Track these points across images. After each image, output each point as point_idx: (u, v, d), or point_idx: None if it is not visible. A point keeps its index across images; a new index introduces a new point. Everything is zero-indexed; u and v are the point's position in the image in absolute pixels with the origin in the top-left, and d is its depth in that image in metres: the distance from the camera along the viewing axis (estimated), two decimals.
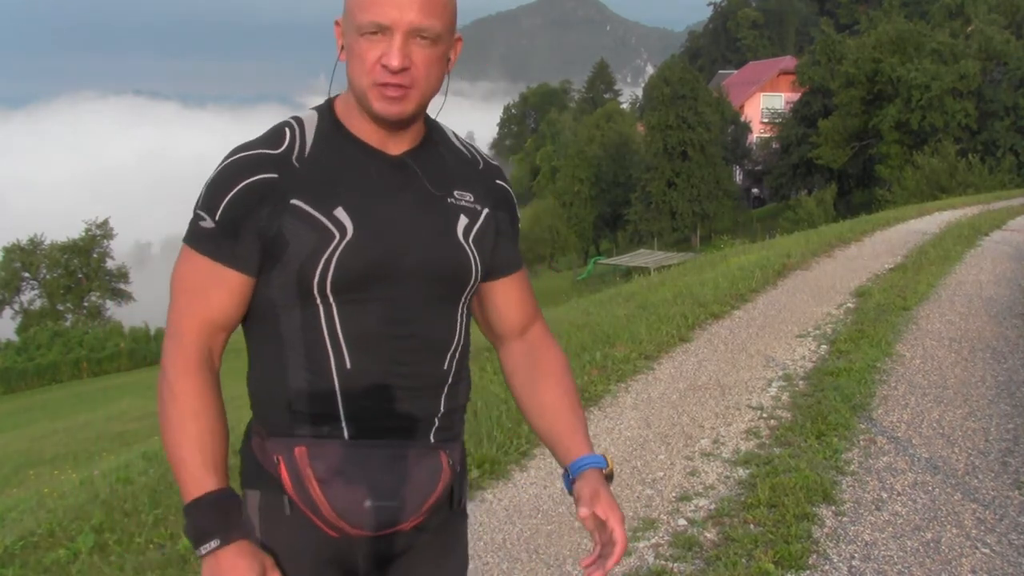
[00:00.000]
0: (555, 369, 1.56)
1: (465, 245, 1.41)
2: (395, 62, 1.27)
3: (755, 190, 49.17)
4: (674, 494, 3.65)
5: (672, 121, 39.27)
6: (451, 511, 1.47)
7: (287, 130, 1.37)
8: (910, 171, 30.37)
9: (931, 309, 7.15)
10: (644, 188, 41.14)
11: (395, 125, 1.36)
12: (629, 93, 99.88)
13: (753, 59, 64.49)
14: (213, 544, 1.27)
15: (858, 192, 37.59)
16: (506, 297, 1.53)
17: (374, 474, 1.34)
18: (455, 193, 1.43)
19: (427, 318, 1.38)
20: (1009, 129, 32.73)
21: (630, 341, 6.30)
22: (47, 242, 45.45)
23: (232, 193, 1.31)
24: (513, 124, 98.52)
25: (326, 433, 1.34)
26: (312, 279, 1.30)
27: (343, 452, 1.34)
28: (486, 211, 1.46)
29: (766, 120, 46.89)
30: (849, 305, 7.45)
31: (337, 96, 1.42)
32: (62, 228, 46.44)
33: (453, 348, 1.42)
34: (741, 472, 3.82)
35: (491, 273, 1.48)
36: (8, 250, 44.84)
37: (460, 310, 1.43)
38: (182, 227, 1.42)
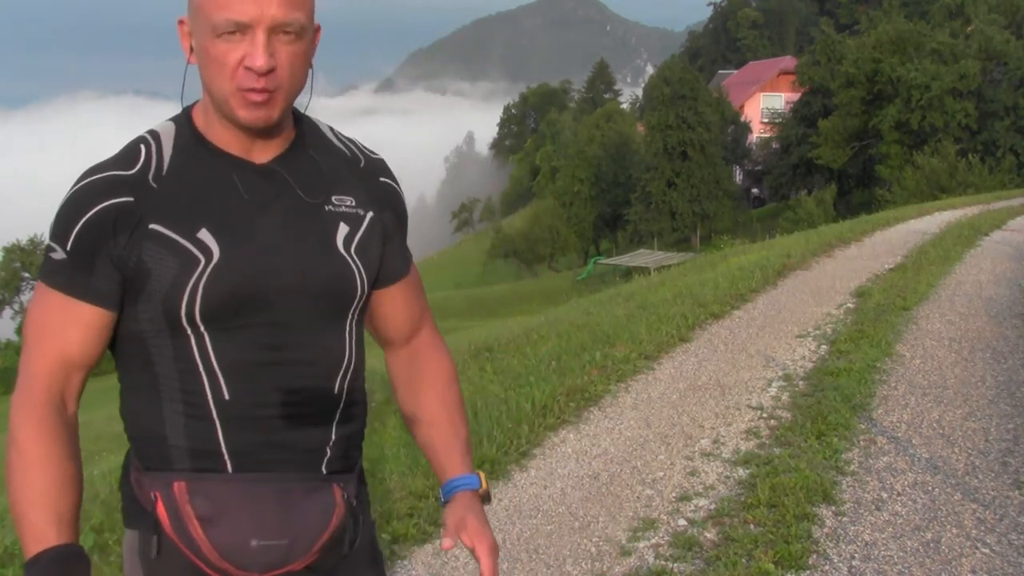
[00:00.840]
0: (438, 380, 1.46)
1: (347, 257, 1.29)
2: (260, 62, 1.16)
3: (755, 190, 49.18)
4: (674, 494, 3.65)
5: (672, 121, 39.30)
6: (351, 551, 1.34)
7: (142, 147, 1.26)
8: (910, 171, 30.38)
9: (931, 309, 7.15)
10: (644, 188, 41.16)
11: (262, 132, 1.25)
12: (629, 93, 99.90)
13: (753, 59, 64.50)
14: None
15: (858, 192, 37.60)
16: (392, 305, 1.43)
17: (259, 511, 1.24)
18: (333, 199, 1.30)
19: (310, 340, 1.27)
20: (1009, 129, 32.75)
21: (630, 341, 6.30)
22: (47, 242, 45.48)
23: (83, 221, 1.20)
24: (513, 124, 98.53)
25: (207, 467, 1.24)
26: (179, 309, 1.20)
27: (225, 487, 1.24)
28: (370, 215, 1.33)
29: (766, 120, 46.91)
30: (849, 305, 7.45)
31: (194, 104, 1.30)
32: None
33: (344, 369, 1.32)
34: (741, 472, 3.82)
35: (377, 282, 1.37)
36: (8, 250, 44.88)
37: (348, 327, 1.33)
38: None
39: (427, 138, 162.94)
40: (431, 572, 3.13)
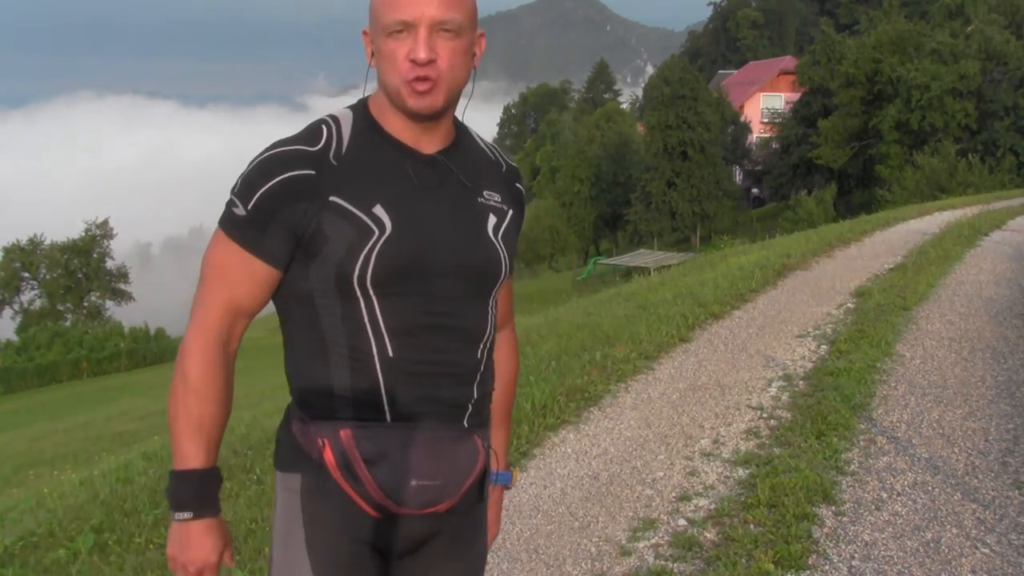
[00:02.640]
0: (506, 376, 1.67)
1: (496, 243, 1.48)
2: (422, 54, 1.33)
3: (755, 190, 49.16)
4: (674, 494, 3.64)
5: (672, 121, 39.27)
6: (480, 496, 1.52)
7: (324, 128, 1.41)
8: (910, 171, 30.36)
9: (931, 309, 7.14)
10: (644, 188, 41.14)
11: (428, 120, 1.41)
12: (629, 93, 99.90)
13: (753, 59, 64.48)
14: (187, 515, 1.37)
15: (858, 192, 37.58)
16: (500, 295, 1.58)
17: (418, 455, 1.39)
18: (484, 193, 1.50)
19: (462, 311, 1.43)
20: (1009, 129, 32.72)
21: (630, 341, 6.30)
22: (47, 242, 45.44)
23: (267, 186, 1.35)
24: (513, 124, 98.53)
25: (369, 416, 1.39)
26: (352, 274, 1.35)
27: (387, 434, 1.39)
28: (511, 212, 1.54)
29: (766, 120, 46.89)
30: (849, 305, 7.45)
31: (370, 96, 1.47)
32: (62, 228, 46.44)
33: (485, 339, 1.48)
34: (741, 472, 3.82)
35: None
36: (8, 250, 44.83)
37: (490, 303, 1.50)
38: (182, 227, 1.45)
39: None
40: None
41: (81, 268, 45.10)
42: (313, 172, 1.36)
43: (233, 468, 4.74)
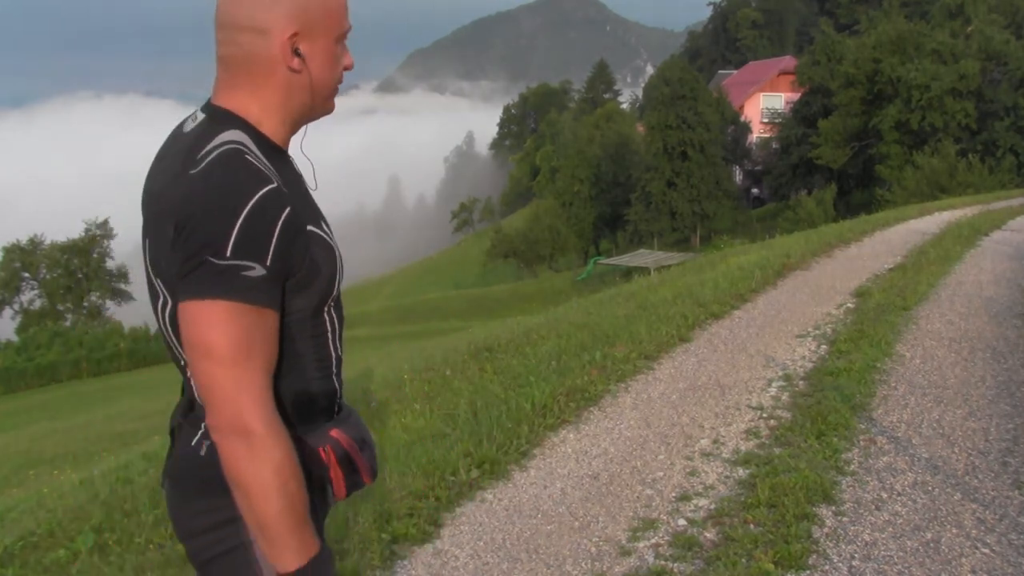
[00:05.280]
0: None
1: None
2: (352, 61, 1.43)
3: (755, 190, 49.16)
4: (674, 494, 3.64)
5: (672, 121, 39.29)
6: None
7: (250, 156, 1.29)
8: (910, 171, 30.37)
9: (931, 309, 7.14)
10: (644, 188, 41.16)
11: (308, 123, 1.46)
12: (629, 93, 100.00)
13: (753, 59, 64.49)
14: None
15: (858, 192, 37.59)
16: None
17: (367, 434, 1.50)
18: None
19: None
20: (1009, 129, 32.72)
21: (630, 341, 6.30)
22: (47, 242, 45.47)
23: (276, 235, 1.25)
24: (513, 124, 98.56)
25: (333, 414, 1.48)
26: (330, 295, 1.40)
27: (352, 421, 1.48)
28: None
29: (766, 120, 46.90)
30: (849, 305, 7.45)
31: (225, 110, 1.36)
32: (62, 228, 46.45)
33: None
34: (741, 472, 3.82)
35: None
36: (8, 250, 44.86)
37: None
38: None
39: (427, 138, 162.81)
40: (431, 572, 3.13)
41: (81, 268, 45.12)
42: (290, 207, 1.29)
43: None
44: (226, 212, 1.22)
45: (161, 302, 1.35)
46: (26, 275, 45.11)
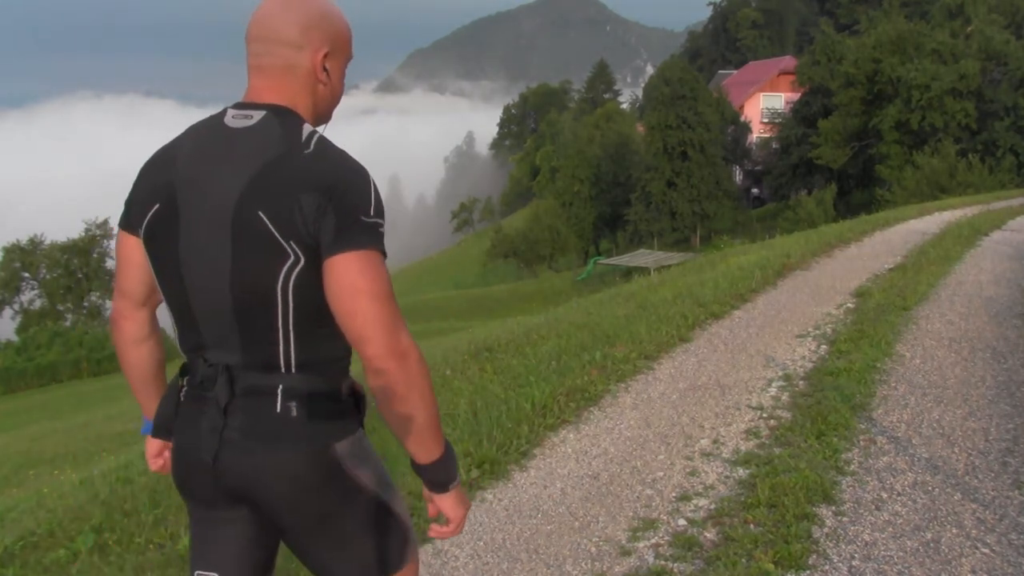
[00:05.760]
0: None
1: None
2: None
3: (755, 190, 49.15)
4: (674, 494, 3.64)
5: (672, 121, 39.30)
6: None
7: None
8: (910, 171, 30.38)
9: (931, 309, 7.14)
10: (644, 188, 41.17)
11: None
12: (629, 93, 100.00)
13: (753, 59, 64.49)
14: (457, 482, 1.65)
15: (858, 192, 37.60)
16: None
17: None
18: None
19: None
20: (1009, 129, 32.73)
21: (630, 341, 6.30)
22: (47, 242, 45.46)
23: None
24: (513, 124, 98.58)
25: None
26: None
27: None
28: None
29: (766, 120, 46.90)
30: (849, 305, 7.45)
31: (294, 111, 1.61)
32: (62, 228, 46.43)
33: None
34: (741, 472, 3.82)
35: None
36: (8, 250, 44.85)
37: None
38: None
39: (427, 138, 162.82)
40: (431, 572, 3.13)
41: (81, 268, 45.10)
42: None
43: None
44: (363, 181, 1.52)
45: (290, 263, 1.49)
46: (26, 275, 45.09)
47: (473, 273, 56.02)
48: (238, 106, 1.59)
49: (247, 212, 1.48)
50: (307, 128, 1.55)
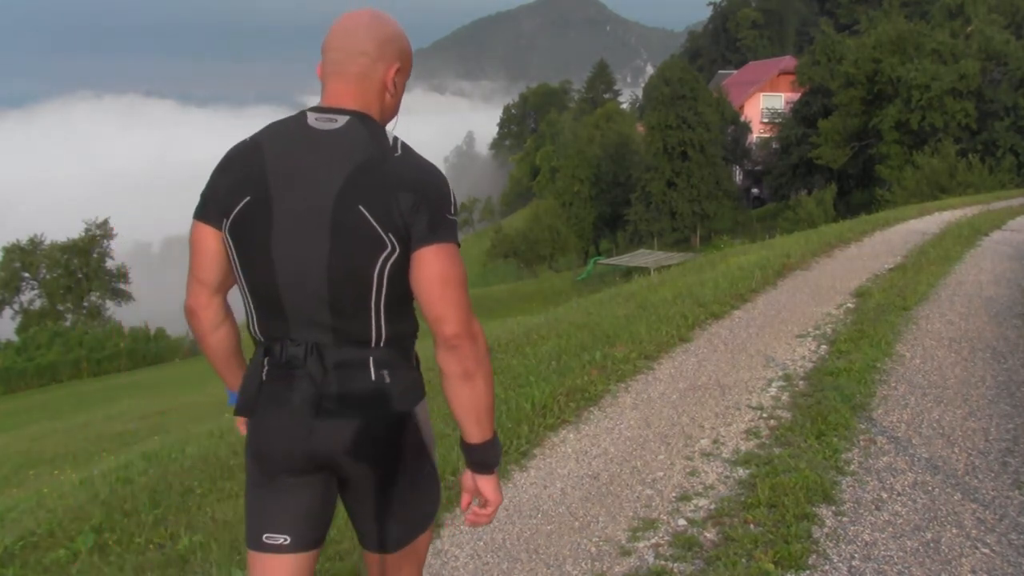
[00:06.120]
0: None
1: None
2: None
3: (755, 190, 49.13)
4: (674, 494, 3.64)
5: (672, 121, 39.27)
6: None
7: None
8: (910, 171, 30.35)
9: (931, 309, 7.14)
10: (644, 188, 41.14)
11: None
12: (629, 93, 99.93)
13: (753, 59, 64.46)
14: (498, 467, 1.84)
15: (858, 192, 37.58)
16: None
17: None
18: None
19: None
20: (1009, 129, 32.70)
21: (630, 341, 6.30)
22: (47, 242, 45.42)
23: None
24: (513, 124, 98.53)
25: None
26: None
27: None
28: None
29: (766, 120, 46.87)
30: (849, 305, 7.45)
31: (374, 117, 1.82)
32: (62, 228, 46.40)
33: None
34: (741, 472, 3.82)
35: None
36: (8, 250, 44.79)
37: None
38: (182, 227, 1.46)
39: (427, 138, 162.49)
40: (431, 572, 3.13)
41: (81, 268, 45.06)
42: None
43: (233, 468, 4.73)
44: (445, 184, 1.75)
45: (387, 251, 1.69)
46: (26, 275, 45.03)
47: (473, 273, 55.98)
48: (318, 110, 1.75)
49: (347, 207, 1.67)
50: (391, 134, 1.76)
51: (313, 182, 1.69)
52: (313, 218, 1.68)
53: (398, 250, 1.69)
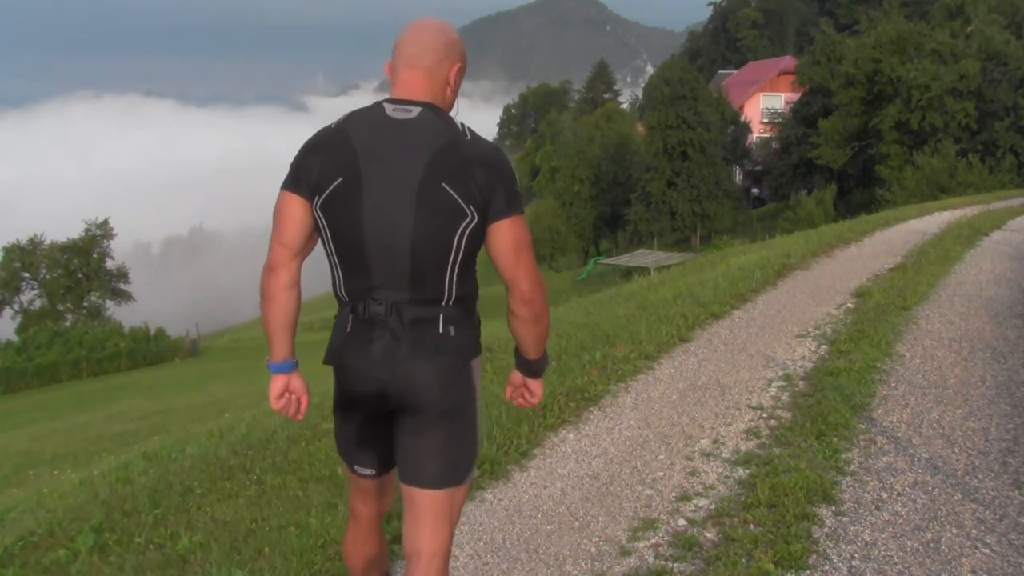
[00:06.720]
0: None
1: None
2: None
3: (755, 190, 49.14)
4: (674, 494, 3.64)
5: (672, 121, 39.27)
6: None
7: None
8: (910, 171, 30.35)
9: (931, 309, 7.14)
10: (644, 188, 41.14)
11: None
12: (629, 93, 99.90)
13: (753, 59, 64.46)
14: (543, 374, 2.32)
15: (858, 192, 37.59)
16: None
17: None
18: None
19: None
20: (1009, 129, 32.70)
21: (630, 341, 6.30)
22: (47, 242, 45.41)
23: None
24: (513, 124, 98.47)
25: None
26: None
27: None
28: None
29: (766, 120, 46.87)
30: (849, 305, 7.45)
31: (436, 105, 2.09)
32: (62, 228, 46.40)
33: None
34: (741, 472, 3.82)
35: None
36: (8, 250, 44.78)
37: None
38: (182, 227, 1.47)
39: None
40: None
41: (81, 268, 45.05)
42: None
43: (233, 468, 4.73)
44: (509, 162, 2.05)
45: (467, 220, 1.98)
46: (26, 275, 45.01)
47: (476, 272, 55.97)
48: (393, 101, 2.03)
49: (431, 184, 1.96)
50: (460, 120, 2.06)
51: (399, 163, 1.97)
52: (401, 195, 1.96)
53: (476, 218, 1.99)
